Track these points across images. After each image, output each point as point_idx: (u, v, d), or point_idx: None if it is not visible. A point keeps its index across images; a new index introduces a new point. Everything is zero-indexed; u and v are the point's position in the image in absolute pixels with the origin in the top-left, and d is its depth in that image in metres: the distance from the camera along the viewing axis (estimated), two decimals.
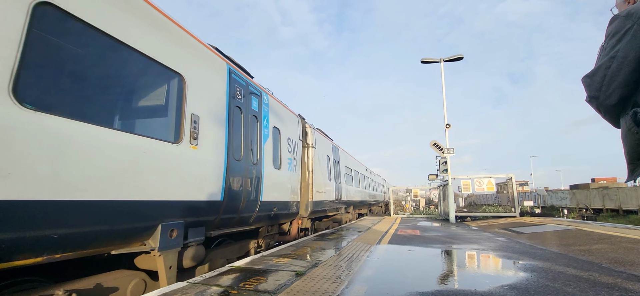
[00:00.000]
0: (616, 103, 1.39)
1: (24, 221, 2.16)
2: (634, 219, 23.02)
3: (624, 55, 1.31)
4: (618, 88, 1.35)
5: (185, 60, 3.77)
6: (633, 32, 1.29)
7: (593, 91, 1.46)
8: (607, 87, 1.38)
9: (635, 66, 1.29)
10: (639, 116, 1.29)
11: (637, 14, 1.30)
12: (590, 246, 5.63)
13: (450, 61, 14.32)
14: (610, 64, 1.36)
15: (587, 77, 1.50)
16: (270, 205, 5.64)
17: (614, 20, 1.39)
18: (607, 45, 1.40)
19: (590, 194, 32.81)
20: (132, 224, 3.01)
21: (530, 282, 3.38)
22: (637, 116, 1.30)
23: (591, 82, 1.47)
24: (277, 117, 6.35)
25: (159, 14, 3.46)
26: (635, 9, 1.33)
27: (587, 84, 1.51)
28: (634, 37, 1.28)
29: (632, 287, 3.18)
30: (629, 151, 1.40)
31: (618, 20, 1.37)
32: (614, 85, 1.36)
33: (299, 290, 3.08)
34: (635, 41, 1.28)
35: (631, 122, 1.33)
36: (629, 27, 1.30)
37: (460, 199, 23.34)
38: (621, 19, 1.35)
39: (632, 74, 1.30)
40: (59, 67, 2.58)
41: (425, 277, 3.72)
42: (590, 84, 1.48)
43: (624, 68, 1.31)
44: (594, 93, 1.46)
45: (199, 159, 3.80)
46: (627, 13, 1.34)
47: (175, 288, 3.16)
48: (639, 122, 1.29)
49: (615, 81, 1.35)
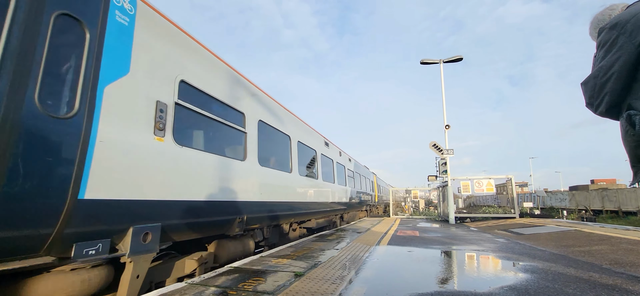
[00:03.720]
0: (608, 109, 1.46)
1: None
2: (633, 221, 23.03)
3: (609, 65, 1.38)
4: (606, 96, 1.42)
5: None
6: (619, 44, 1.34)
7: (588, 97, 1.55)
8: (598, 95, 1.46)
9: (621, 75, 1.34)
10: (632, 118, 1.33)
11: (621, 25, 1.36)
12: (590, 247, 5.62)
13: (450, 62, 14.34)
14: (598, 73, 1.43)
15: (583, 85, 1.58)
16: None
17: (602, 32, 1.46)
18: (598, 56, 1.47)
19: (589, 196, 32.83)
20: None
21: (530, 283, 3.37)
22: (631, 118, 1.34)
23: (586, 89, 1.55)
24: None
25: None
26: (619, 19, 1.39)
27: (584, 90, 1.58)
28: (619, 48, 1.34)
29: (633, 288, 3.17)
30: (629, 154, 1.43)
31: (605, 31, 1.43)
32: (603, 93, 1.43)
33: (298, 290, 3.06)
34: (620, 51, 1.34)
35: (626, 124, 1.37)
36: (615, 37, 1.36)
37: (459, 201, 23.36)
38: (607, 31, 1.42)
39: (618, 83, 1.36)
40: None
41: (424, 278, 3.71)
42: (586, 91, 1.56)
43: (612, 77, 1.37)
44: (590, 100, 1.54)
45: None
46: (612, 25, 1.41)
47: (173, 288, 3.14)
48: (633, 124, 1.33)
49: (604, 90, 1.42)
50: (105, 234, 2.72)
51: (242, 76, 5.15)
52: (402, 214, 18.76)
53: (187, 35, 3.89)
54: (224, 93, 4.49)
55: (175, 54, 3.63)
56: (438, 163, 14.08)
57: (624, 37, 1.33)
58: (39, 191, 2.17)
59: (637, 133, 1.32)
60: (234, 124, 4.63)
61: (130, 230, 2.89)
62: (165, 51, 3.47)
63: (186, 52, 3.83)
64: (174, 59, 3.59)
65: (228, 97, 4.56)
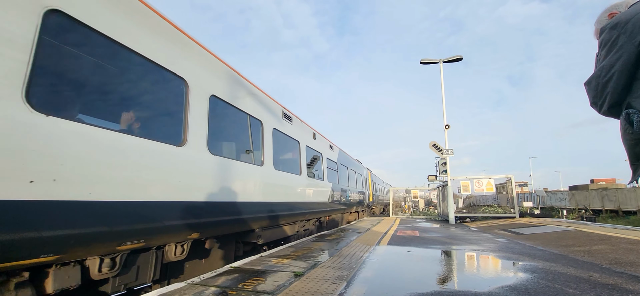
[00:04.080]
0: (610, 108, 1.47)
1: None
2: (633, 220, 23.03)
3: (610, 64, 1.39)
4: (608, 95, 1.43)
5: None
6: (620, 43, 1.36)
7: (592, 97, 1.56)
8: (601, 95, 1.47)
9: (621, 74, 1.36)
10: (631, 116, 1.35)
11: (621, 25, 1.37)
12: (590, 247, 5.62)
13: (450, 62, 14.34)
14: (600, 73, 1.45)
15: (586, 85, 1.59)
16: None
17: (603, 31, 1.47)
18: (600, 55, 1.49)
19: (589, 196, 32.84)
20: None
21: (530, 283, 3.37)
22: (629, 117, 1.36)
23: (590, 89, 1.56)
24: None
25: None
26: (619, 19, 1.40)
27: (587, 90, 1.60)
28: (620, 47, 1.35)
29: (633, 288, 3.17)
30: (628, 152, 1.45)
31: (606, 31, 1.45)
32: (605, 92, 1.44)
33: (297, 290, 3.06)
34: (620, 51, 1.35)
35: (625, 123, 1.38)
36: (615, 37, 1.38)
37: (459, 200, 23.35)
38: (608, 31, 1.43)
39: (618, 82, 1.38)
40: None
41: (424, 278, 3.71)
42: (590, 91, 1.57)
43: (613, 77, 1.39)
44: (593, 99, 1.55)
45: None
46: (612, 24, 1.42)
47: (173, 288, 3.14)
48: (631, 122, 1.35)
49: (605, 89, 1.44)
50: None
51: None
52: (402, 214, 18.76)
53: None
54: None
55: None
56: (438, 163, 14.08)
57: (624, 37, 1.34)
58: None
59: (635, 131, 1.34)
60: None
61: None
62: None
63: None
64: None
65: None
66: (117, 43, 3.07)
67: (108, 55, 3.07)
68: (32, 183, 2.24)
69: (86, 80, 3.01)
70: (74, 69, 2.89)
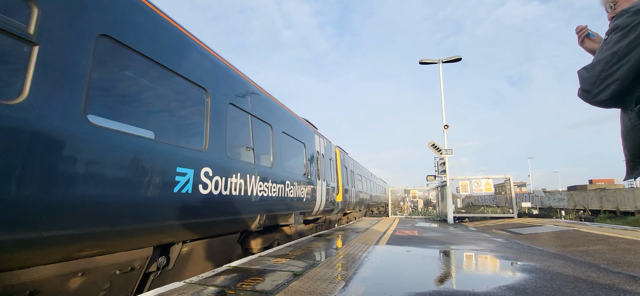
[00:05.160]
0: (608, 99, 1.37)
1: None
2: (631, 221, 23.10)
3: (626, 51, 1.28)
4: (613, 84, 1.33)
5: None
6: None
7: (587, 84, 1.45)
8: (603, 81, 1.36)
9: (637, 63, 1.26)
10: None
11: None
12: (588, 247, 5.63)
13: (449, 62, 14.36)
14: (611, 59, 1.33)
15: (584, 70, 1.48)
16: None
17: (622, 15, 1.33)
18: (611, 40, 1.36)
19: (587, 196, 32.90)
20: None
21: (528, 283, 3.38)
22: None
23: (588, 75, 1.44)
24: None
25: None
26: None
27: (582, 77, 1.49)
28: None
29: (630, 288, 3.18)
30: (633, 148, 1.37)
31: (626, 15, 1.32)
32: (611, 80, 1.34)
33: (296, 290, 3.06)
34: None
35: (636, 118, 1.30)
36: (637, 23, 1.26)
37: (458, 200, 23.38)
38: (630, 14, 1.30)
39: (631, 71, 1.28)
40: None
41: (423, 277, 3.71)
42: (586, 78, 1.46)
43: (625, 64, 1.29)
44: (588, 87, 1.44)
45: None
46: (636, 9, 1.29)
47: (172, 288, 3.13)
48: None
49: (613, 76, 1.33)
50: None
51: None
52: (400, 214, 18.78)
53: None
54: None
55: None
56: (437, 163, 14.09)
57: None
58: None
59: None
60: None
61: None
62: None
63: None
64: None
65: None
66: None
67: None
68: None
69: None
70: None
